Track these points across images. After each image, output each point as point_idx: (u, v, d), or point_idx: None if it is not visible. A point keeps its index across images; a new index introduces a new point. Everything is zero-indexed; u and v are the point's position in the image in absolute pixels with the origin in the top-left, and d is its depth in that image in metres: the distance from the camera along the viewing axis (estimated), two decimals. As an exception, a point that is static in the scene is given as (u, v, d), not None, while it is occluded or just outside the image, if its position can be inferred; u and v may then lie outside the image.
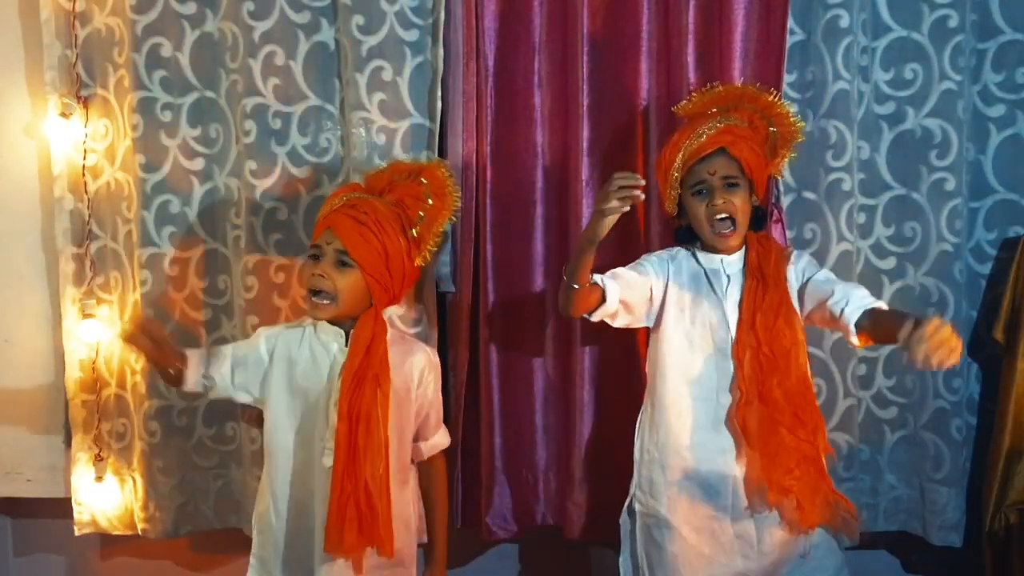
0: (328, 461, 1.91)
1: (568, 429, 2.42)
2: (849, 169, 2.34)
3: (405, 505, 2.03)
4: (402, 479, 2.02)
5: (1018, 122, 2.40)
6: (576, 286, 1.96)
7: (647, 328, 2.15)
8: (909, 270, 2.41)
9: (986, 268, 2.45)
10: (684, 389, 2.04)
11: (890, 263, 2.43)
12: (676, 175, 2.04)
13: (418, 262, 2.01)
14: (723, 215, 2.01)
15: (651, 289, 2.09)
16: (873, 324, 1.90)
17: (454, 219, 2.08)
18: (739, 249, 2.08)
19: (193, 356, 2.04)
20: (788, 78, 2.34)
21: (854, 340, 1.95)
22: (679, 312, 2.07)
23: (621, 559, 2.14)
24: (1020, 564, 2.36)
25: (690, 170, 2.03)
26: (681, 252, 2.13)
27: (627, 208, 1.83)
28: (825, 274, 2.08)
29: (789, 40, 2.32)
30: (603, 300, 2.01)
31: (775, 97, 2.13)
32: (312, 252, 1.97)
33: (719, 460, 2.02)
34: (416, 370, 2.04)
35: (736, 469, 2.01)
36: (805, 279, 2.07)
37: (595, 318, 2.05)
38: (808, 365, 2.05)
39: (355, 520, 1.88)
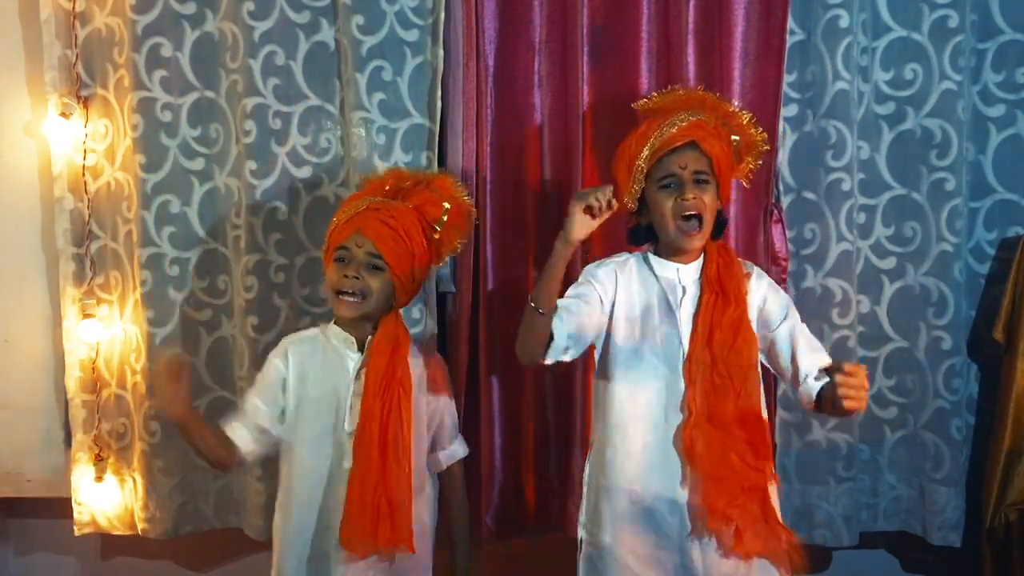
0: (349, 464, 1.93)
1: (568, 430, 2.42)
2: (849, 169, 2.34)
3: (421, 510, 2.03)
4: (419, 483, 2.01)
5: (1018, 122, 2.41)
6: (542, 312, 1.83)
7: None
8: (909, 270, 2.42)
9: (986, 268, 2.45)
10: (631, 409, 1.92)
11: (890, 263, 2.43)
12: (642, 167, 1.91)
13: (435, 266, 2.06)
14: (692, 212, 1.88)
15: (599, 312, 1.95)
16: (825, 401, 1.87)
17: (472, 226, 2.09)
18: (698, 257, 1.96)
19: (236, 436, 1.96)
20: (788, 78, 2.35)
21: (806, 403, 1.92)
22: (628, 325, 1.94)
23: None
24: (1020, 564, 2.36)
25: (658, 162, 1.90)
26: (632, 259, 2.01)
27: (596, 216, 1.81)
28: (786, 312, 1.96)
29: (789, 40, 2.32)
30: (551, 338, 1.87)
31: (735, 108, 2.05)
32: (339, 255, 1.95)
33: (667, 484, 1.90)
34: (425, 373, 2.04)
35: (682, 494, 1.90)
36: (765, 306, 1.96)
37: (548, 360, 1.90)
38: (761, 388, 1.96)
39: (387, 520, 1.90)
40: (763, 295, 1.98)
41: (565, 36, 2.37)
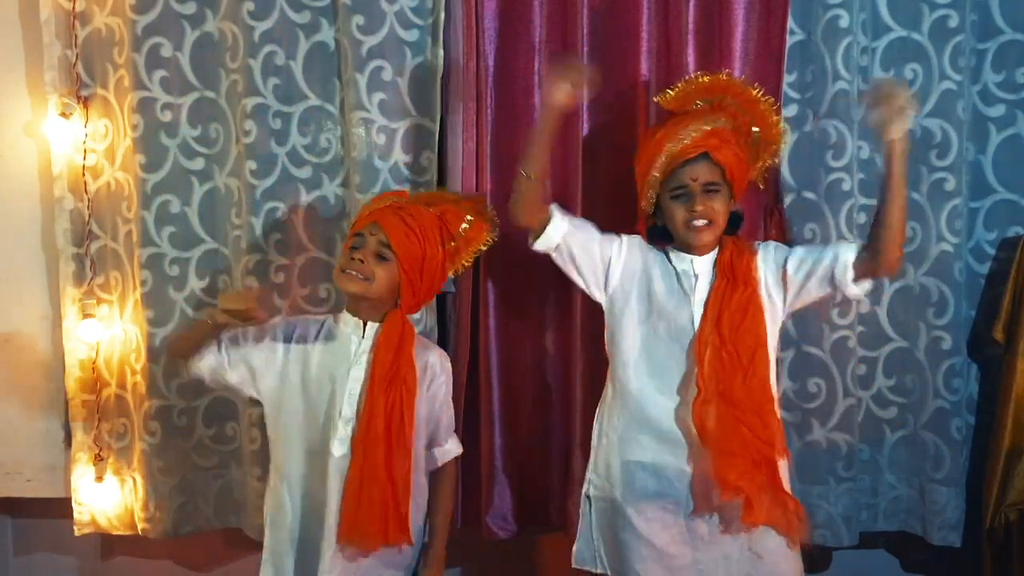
0: (337, 450, 1.96)
1: (568, 429, 2.42)
2: (849, 169, 2.34)
3: (414, 507, 2.05)
4: (416, 480, 2.04)
5: (1018, 122, 2.41)
6: (530, 176, 1.97)
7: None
8: (909, 270, 2.41)
9: (986, 268, 2.45)
10: (646, 381, 2.03)
11: (890, 263, 2.43)
12: (656, 175, 2.01)
13: (450, 274, 2.12)
14: (702, 221, 1.99)
15: (607, 253, 2.06)
16: (872, 230, 1.95)
17: (491, 242, 2.14)
18: (712, 249, 2.05)
19: (211, 349, 2.02)
20: (788, 78, 2.35)
21: (853, 287, 1.97)
22: (648, 302, 2.05)
23: (575, 547, 2.12)
24: (1020, 564, 2.36)
25: (672, 173, 2.00)
26: (657, 251, 2.12)
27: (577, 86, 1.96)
28: (787, 252, 2.05)
29: (789, 40, 2.33)
30: (547, 227, 2.02)
31: (760, 92, 2.08)
32: (353, 242, 2.01)
33: (677, 454, 2.00)
34: (427, 368, 2.06)
35: (691, 465, 2.00)
36: (782, 261, 2.03)
37: (537, 246, 2.05)
38: (771, 367, 2.03)
39: (393, 519, 1.94)
40: (771, 258, 2.05)
41: (565, 36, 2.37)
